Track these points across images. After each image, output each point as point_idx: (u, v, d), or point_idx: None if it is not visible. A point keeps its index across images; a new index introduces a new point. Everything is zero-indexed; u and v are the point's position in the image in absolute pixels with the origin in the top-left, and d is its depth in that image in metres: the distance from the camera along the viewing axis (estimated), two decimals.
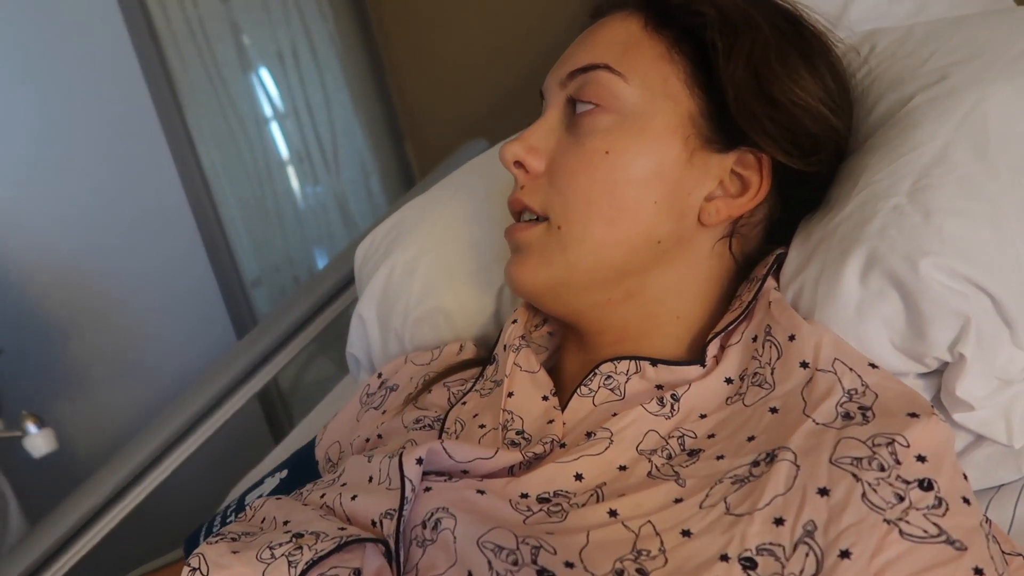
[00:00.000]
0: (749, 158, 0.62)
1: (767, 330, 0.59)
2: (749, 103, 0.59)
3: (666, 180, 0.60)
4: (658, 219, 0.61)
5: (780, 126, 0.60)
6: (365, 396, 0.77)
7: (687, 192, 0.61)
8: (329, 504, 0.55)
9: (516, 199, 0.65)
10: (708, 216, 0.62)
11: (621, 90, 0.61)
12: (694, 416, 0.57)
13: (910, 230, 0.57)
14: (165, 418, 1.03)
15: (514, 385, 0.63)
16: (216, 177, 1.58)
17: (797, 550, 0.45)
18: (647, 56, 0.62)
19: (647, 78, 0.61)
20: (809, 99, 0.60)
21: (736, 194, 0.62)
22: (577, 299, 0.63)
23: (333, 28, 1.73)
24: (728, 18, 0.61)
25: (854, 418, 0.51)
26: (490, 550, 0.47)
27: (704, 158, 0.61)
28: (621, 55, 0.62)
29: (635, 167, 0.60)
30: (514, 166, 0.64)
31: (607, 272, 0.62)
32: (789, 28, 0.63)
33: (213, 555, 0.49)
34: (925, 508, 0.46)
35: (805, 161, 0.61)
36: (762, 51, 0.60)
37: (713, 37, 0.61)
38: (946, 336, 0.56)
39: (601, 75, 0.62)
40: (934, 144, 0.59)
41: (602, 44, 0.64)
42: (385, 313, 0.83)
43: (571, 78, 0.63)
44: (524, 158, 0.63)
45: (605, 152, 0.60)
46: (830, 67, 0.64)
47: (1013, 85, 0.60)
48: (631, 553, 0.48)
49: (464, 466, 0.55)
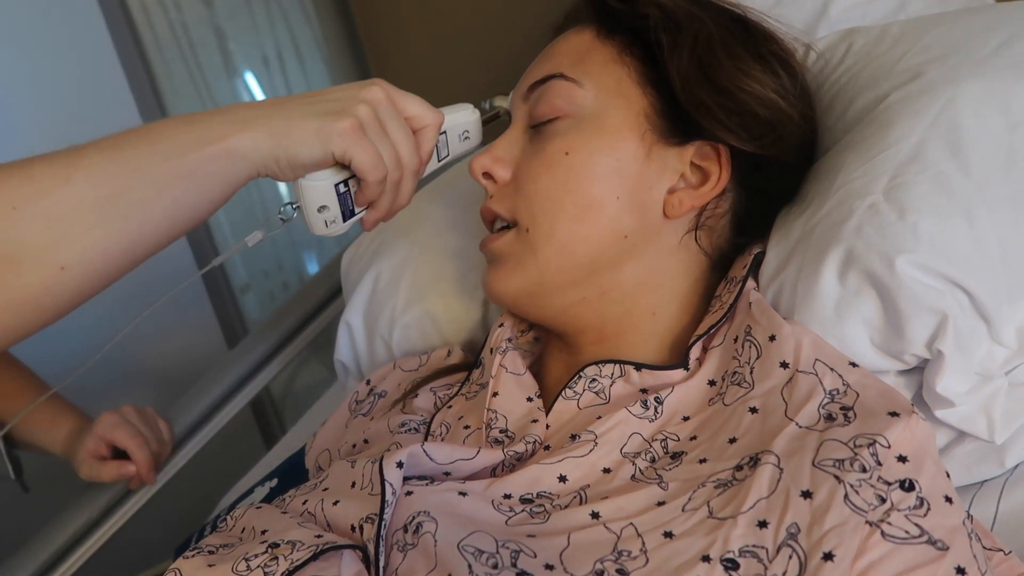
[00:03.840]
0: (707, 149, 0.63)
1: (747, 330, 0.59)
2: (696, 92, 0.61)
3: (626, 175, 0.62)
4: (621, 214, 0.62)
5: (729, 112, 0.62)
6: (354, 403, 0.77)
7: (648, 186, 0.63)
8: (311, 510, 0.55)
9: (486, 208, 0.67)
10: (672, 208, 0.63)
11: (576, 95, 0.64)
12: (677, 419, 0.58)
13: (886, 228, 0.57)
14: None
15: (499, 385, 0.63)
16: None
17: (780, 552, 0.46)
18: (599, 61, 0.65)
19: (600, 81, 0.64)
20: (756, 85, 0.62)
21: (697, 185, 0.64)
22: (553, 300, 0.64)
23: (318, 32, 1.73)
24: (671, 16, 0.64)
25: (836, 419, 0.52)
26: (470, 554, 0.48)
27: (662, 152, 0.63)
28: (575, 63, 0.65)
29: (595, 165, 0.62)
30: (482, 177, 0.67)
31: (578, 270, 0.63)
32: (734, 24, 0.65)
33: (189, 569, 0.49)
34: (907, 509, 0.47)
35: (757, 144, 0.63)
36: (705, 42, 0.62)
37: (658, 35, 0.63)
38: (924, 333, 0.57)
39: (557, 84, 0.64)
40: (909, 142, 0.60)
41: (557, 56, 0.67)
42: (372, 320, 0.84)
43: (531, 91, 0.66)
44: (491, 168, 0.66)
45: (565, 153, 0.62)
46: (777, 56, 0.65)
47: (986, 82, 0.60)
48: (612, 554, 0.48)
49: (446, 467, 0.55)
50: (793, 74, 0.66)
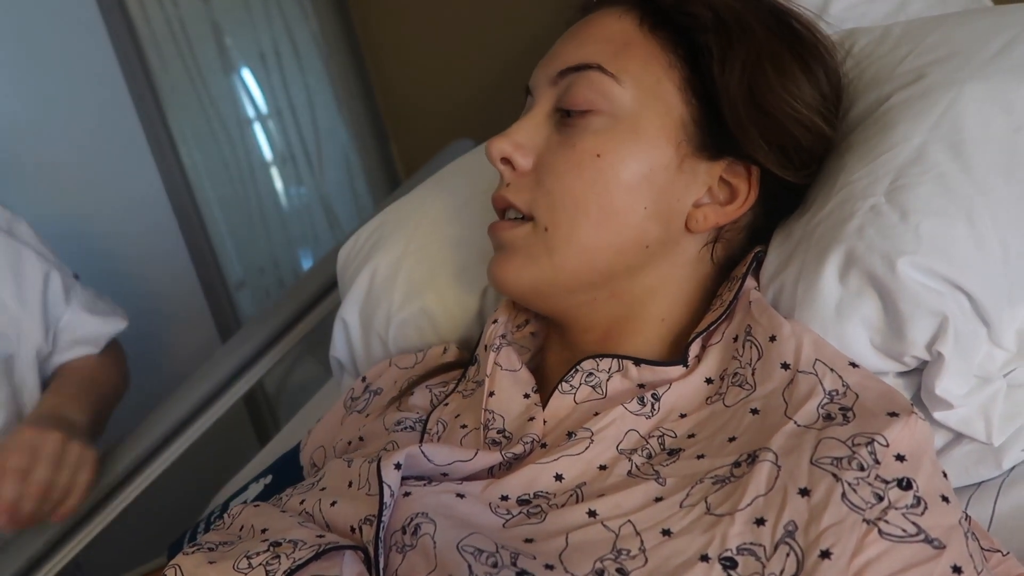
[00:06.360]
0: (739, 167, 0.62)
1: (747, 330, 0.59)
2: (743, 115, 0.59)
3: (656, 185, 0.60)
4: (647, 224, 0.60)
5: (774, 140, 0.60)
6: (349, 400, 0.77)
7: (676, 198, 0.61)
8: (308, 510, 0.55)
9: (501, 196, 0.63)
10: (695, 223, 0.62)
11: (614, 92, 0.60)
12: (674, 415, 0.57)
13: (888, 230, 0.57)
14: (149, 423, 1.02)
15: (495, 384, 0.63)
16: (198, 179, 1.57)
17: (778, 550, 0.46)
18: (641, 57, 0.61)
19: (640, 80, 0.60)
20: (804, 110, 0.60)
21: (724, 202, 0.62)
22: (562, 299, 0.63)
23: (316, 28, 1.72)
24: (723, 20, 0.60)
25: (835, 419, 0.52)
26: (470, 553, 0.47)
27: (693, 164, 0.61)
28: (614, 55, 0.61)
29: (626, 171, 0.59)
30: (500, 162, 0.63)
31: (593, 275, 0.61)
32: (783, 28, 0.62)
33: (190, 566, 0.49)
34: (904, 507, 0.46)
35: (798, 174, 0.62)
36: (756, 59, 0.59)
37: (707, 40, 0.60)
38: (924, 335, 0.57)
39: (593, 76, 0.60)
40: (911, 144, 0.60)
41: (594, 41, 0.62)
42: (368, 316, 0.83)
43: (562, 76, 0.62)
44: (511, 155, 0.62)
45: (596, 155, 0.59)
46: (823, 64, 0.63)
47: (988, 85, 0.60)
48: (611, 553, 0.48)
49: (443, 469, 0.55)
50: (838, 84, 0.64)
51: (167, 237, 1.55)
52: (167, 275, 1.56)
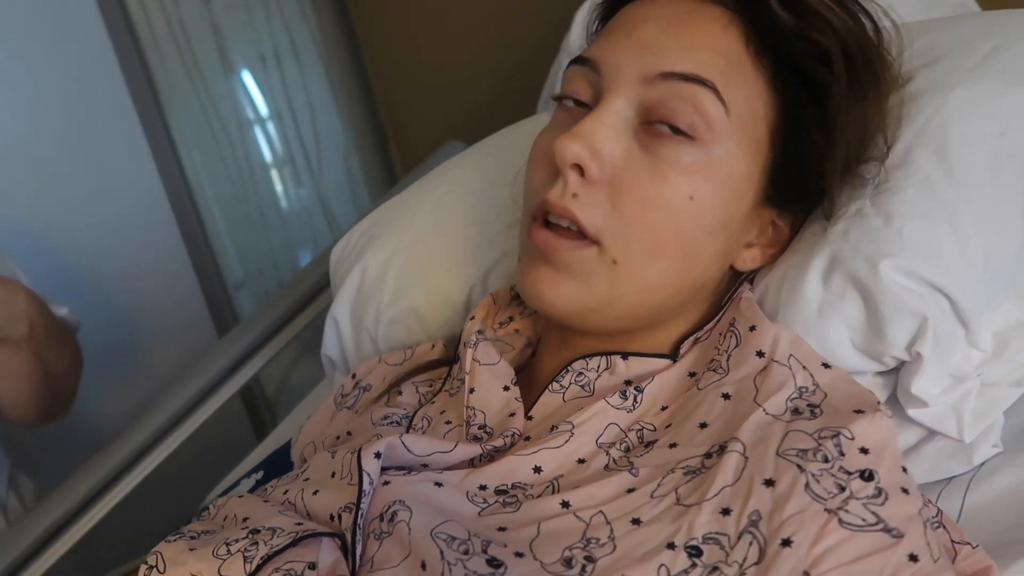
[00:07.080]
0: (792, 217, 0.62)
1: (731, 323, 0.60)
2: (832, 182, 0.58)
3: (729, 231, 0.58)
4: (712, 266, 0.59)
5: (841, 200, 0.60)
6: (339, 397, 0.77)
7: (738, 241, 0.60)
8: (291, 500, 0.55)
9: (564, 207, 0.55)
10: (743, 263, 0.62)
11: (719, 125, 0.54)
12: (656, 408, 0.58)
13: (871, 233, 0.58)
14: (144, 418, 1.02)
15: (475, 380, 0.63)
16: (198, 180, 1.57)
17: (741, 539, 0.46)
18: (747, 87, 0.55)
19: (741, 116, 0.55)
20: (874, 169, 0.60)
21: (768, 244, 0.62)
22: (600, 323, 0.59)
23: (315, 30, 1.73)
24: (850, 56, 0.55)
25: (802, 413, 0.52)
26: (443, 540, 0.48)
27: (760, 211, 0.60)
28: (726, 76, 0.54)
29: (710, 216, 0.55)
30: (571, 168, 0.55)
31: (645, 310, 0.59)
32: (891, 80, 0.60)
33: (170, 553, 0.50)
34: (865, 497, 0.47)
35: None
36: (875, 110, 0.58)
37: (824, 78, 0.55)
38: (904, 336, 0.57)
39: (705, 96, 0.53)
40: (896, 148, 0.60)
41: (706, 50, 0.54)
42: (358, 315, 0.84)
43: (663, 79, 0.54)
44: (587, 163, 0.54)
45: (689, 197, 0.54)
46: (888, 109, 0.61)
47: (974, 91, 0.61)
48: (580, 542, 0.49)
49: (423, 460, 0.56)
50: None
51: (167, 238, 1.55)
52: (166, 276, 1.56)
